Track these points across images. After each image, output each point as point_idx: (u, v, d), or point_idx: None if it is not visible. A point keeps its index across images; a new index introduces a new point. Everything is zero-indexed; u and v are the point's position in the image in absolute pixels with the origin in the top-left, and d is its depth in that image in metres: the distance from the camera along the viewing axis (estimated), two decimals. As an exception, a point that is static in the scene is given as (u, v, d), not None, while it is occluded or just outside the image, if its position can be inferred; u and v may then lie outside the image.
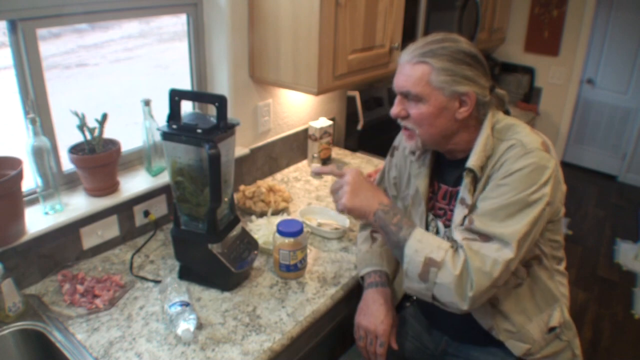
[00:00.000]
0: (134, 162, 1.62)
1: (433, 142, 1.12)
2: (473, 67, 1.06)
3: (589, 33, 3.39)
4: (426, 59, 1.05)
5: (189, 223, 1.29)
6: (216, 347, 1.11)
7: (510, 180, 1.01)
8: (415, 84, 1.06)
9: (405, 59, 1.09)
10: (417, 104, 1.07)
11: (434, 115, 1.07)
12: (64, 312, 1.20)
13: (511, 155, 1.03)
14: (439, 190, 1.21)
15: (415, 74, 1.06)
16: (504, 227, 1.00)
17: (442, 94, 1.05)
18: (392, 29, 1.83)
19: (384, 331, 1.19)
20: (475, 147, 1.09)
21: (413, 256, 1.04)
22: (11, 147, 1.31)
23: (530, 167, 1.01)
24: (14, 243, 1.22)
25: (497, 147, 1.08)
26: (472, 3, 2.24)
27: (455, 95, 1.05)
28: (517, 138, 1.06)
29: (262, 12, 1.65)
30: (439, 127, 1.08)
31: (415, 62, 1.06)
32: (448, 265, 1.00)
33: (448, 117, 1.07)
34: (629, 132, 4.24)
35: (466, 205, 1.09)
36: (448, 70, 1.04)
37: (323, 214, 1.67)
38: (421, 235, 1.06)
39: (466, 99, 1.06)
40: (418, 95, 1.06)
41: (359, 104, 2.16)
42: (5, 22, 1.21)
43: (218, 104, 1.19)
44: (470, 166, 1.07)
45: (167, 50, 1.83)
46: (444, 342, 1.30)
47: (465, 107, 1.06)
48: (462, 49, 1.05)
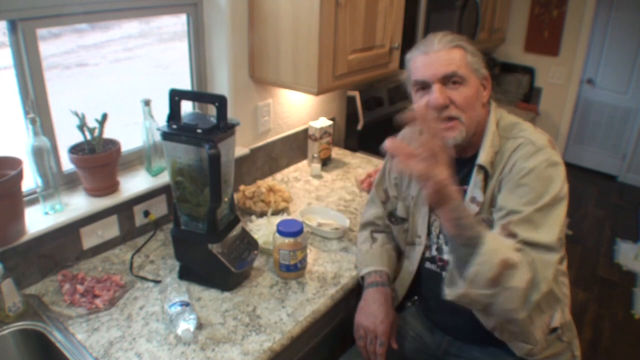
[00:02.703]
0: (134, 162, 1.62)
1: (472, 130, 1.11)
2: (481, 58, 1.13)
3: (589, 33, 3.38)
4: (460, 43, 1.10)
5: (189, 223, 1.29)
6: (216, 347, 1.11)
7: (529, 180, 1.01)
8: (459, 65, 1.08)
9: (439, 47, 1.10)
10: (459, 87, 1.08)
11: (475, 97, 1.10)
12: (64, 312, 1.19)
13: (522, 153, 1.05)
14: None
15: (456, 56, 1.08)
16: (545, 232, 0.98)
17: (476, 76, 1.10)
18: (392, 29, 1.83)
19: (384, 331, 1.19)
20: (484, 143, 1.11)
21: (489, 256, 0.90)
22: (11, 147, 1.31)
23: (545, 163, 1.02)
24: (14, 243, 1.22)
25: (504, 145, 1.10)
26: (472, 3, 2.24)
27: (482, 78, 1.12)
28: (524, 136, 1.08)
29: (262, 12, 1.65)
30: (477, 111, 1.12)
31: (450, 47, 1.09)
32: (524, 267, 0.92)
33: (480, 100, 1.12)
34: (629, 132, 4.24)
35: (477, 203, 1.10)
36: (475, 53, 1.11)
37: (323, 214, 1.67)
38: (495, 235, 0.97)
39: (485, 83, 1.12)
40: (463, 76, 1.07)
41: (359, 104, 2.16)
42: (5, 22, 1.21)
43: (218, 104, 1.19)
44: (481, 163, 1.09)
45: (167, 50, 1.83)
46: (446, 342, 1.29)
47: (486, 91, 1.13)
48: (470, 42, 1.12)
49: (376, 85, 2.35)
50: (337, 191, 1.90)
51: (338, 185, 1.95)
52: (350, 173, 2.07)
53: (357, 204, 1.81)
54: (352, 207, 1.78)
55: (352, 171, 2.09)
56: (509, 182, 1.05)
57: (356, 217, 1.70)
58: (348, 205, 1.79)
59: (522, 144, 1.06)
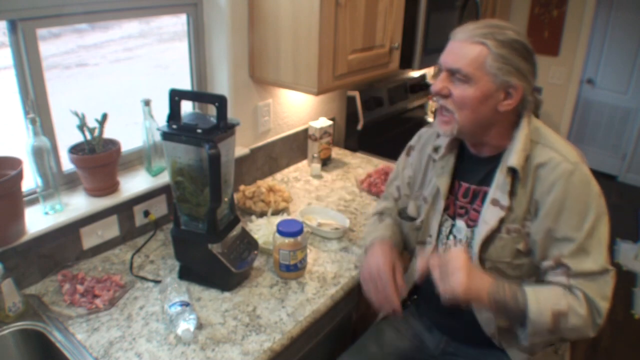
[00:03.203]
0: (134, 162, 1.62)
1: (469, 131, 1.09)
2: (528, 62, 1.03)
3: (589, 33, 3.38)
4: (486, 41, 1.01)
5: (189, 223, 1.29)
6: (216, 347, 1.11)
7: (571, 204, 1.02)
8: (468, 63, 1.02)
9: (462, 37, 1.05)
10: (463, 84, 1.03)
11: (478, 100, 1.03)
12: (64, 312, 1.19)
13: (559, 173, 1.02)
14: (459, 188, 1.19)
15: (471, 53, 1.02)
16: (596, 257, 1.02)
17: (492, 80, 1.02)
18: (392, 29, 1.83)
19: (385, 265, 1.14)
20: (515, 145, 1.07)
21: (539, 317, 1.00)
22: (11, 147, 1.31)
23: (583, 184, 1.02)
24: (14, 243, 1.22)
25: (533, 149, 1.07)
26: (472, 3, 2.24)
27: (504, 86, 1.03)
28: (556, 149, 1.05)
29: (262, 12, 1.65)
30: (479, 114, 1.05)
31: (473, 41, 1.02)
32: (575, 308, 1.00)
33: (490, 106, 1.04)
34: (629, 132, 4.24)
35: (501, 207, 1.07)
36: (505, 57, 1.01)
37: (323, 214, 1.67)
38: (534, 293, 1.02)
39: (513, 92, 1.03)
40: (468, 75, 1.02)
41: (359, 104, 2.16)
42: (5, 22, 1.21)
43: (218, 104, 1.19)
44: (513, 165, 1.05)
45: (167, 50, 1.83)
46: (444, 342, 1.30)
47: (510, 100, 1.04)
48: (523, 41, 1.03)
49: (376, 85, 2.35)
50: (337, 191, 1.90)
51: (338, 185, 1.95)
52: (350, 173, 2.07)
53: (357, 204, 1.81)
54: (352, 207, 1.78)
55: (352, 171, 2.09)
56: (550, 207, 1.03)
57: (356, 217, 1.70)
58: (348, 205, 1.79)
59: (556, 161, 1.03)
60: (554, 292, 1.02)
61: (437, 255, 1.05)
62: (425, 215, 1.26)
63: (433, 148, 1.24)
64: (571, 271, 1.03)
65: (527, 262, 1.10)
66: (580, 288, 1.02)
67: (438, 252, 1.25)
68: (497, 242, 1.09)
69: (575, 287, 1.02)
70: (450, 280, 0.99)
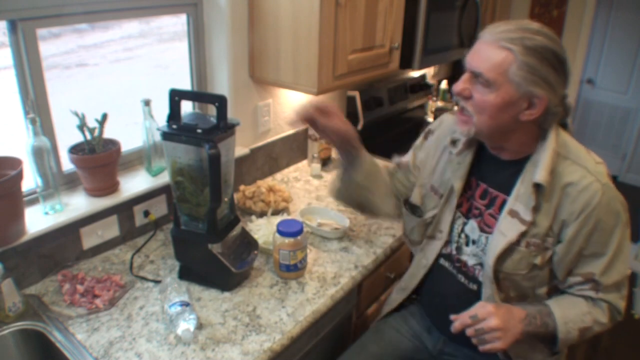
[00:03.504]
0: (134, 162, 1.62)
1: (487, 135, 1.07)
2: (557, 73, 0.98)
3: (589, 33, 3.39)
4: (512, 46, 0.96)
5: (189, 223, 1.29)
6: (216, 347, 1.11)
7: (605, 225, 1.04)
8: (491, 68, 0.97)
9: (490, 38, 1.00)
10: (484, 88, 1.00)
11: (498, 107, 0.99)
12: (64, 312, 1.19)
13: (590, 195, 1.01)
14: (476, 187, 1.18)
15: (496, 58, 0.97)
16: (623, 268, 1.08)
17: (515, 89, 0.97)
18: (392, 29, 1.83)
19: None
20: (542, 159, 1.04)
21: (566, 336, 1.06)
22: (11, 147, 1.31)
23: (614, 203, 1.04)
24: (14, 243, 1.22)
25: (560, 163, 1.04)
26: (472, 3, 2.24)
27: (528, 95, 0.98)
28: (587, 167, 1.04)
29: (262, 12, 1.65)
30: (498, 121, 1.01)
31: (499, 45, 0.97)
32: (598, 320, 1.08)
33: (511, 114, 1.00)
34: (629, 132, 4.24)
35: (522, 220, 1.06)
36: (532, 66, 0.96)
37: (323, 214, 1.67)
38: (562, 314, 1.07)
39: (537, 102, 0.99)
40: (489, 80, 0.98)
41: (359, 104, 2.16)
42: (5, 22, 1.21)
43: (218, 104, 1.19)
44: (540, 181, 1.02)
45: (167, 50, 1.83)
46: (442, 342, 1.30)
47: (533, 110, 1.00)
48: (555, 50, 0.98)
49: (376, 85, 2.35)
50: (337, 191, 1.90)
51: (338, 185, 1.95)
52: (350, 173, 2.06)
53: (357, 204, 1.80)
54: (352, 207, 1.78)
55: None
56: (580, 229, 1.03)
57: (356, 217, 1.70)
58: (348, 205, 1.79)
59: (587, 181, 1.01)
60: (579, 309, 1.08)
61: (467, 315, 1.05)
62: (439, 210, 1.24)
63: (451, 140, 1.21)
64: (601, 286, 1.07)
65: (541, 274, 1.10)
66: (606, 300, 1.08)
67: (447, 249, 1.24)
68: (515, 255, 1.08)
69: (601, 300, 1.09)
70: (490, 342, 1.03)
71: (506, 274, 1.10)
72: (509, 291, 1.13)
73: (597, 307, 1.09)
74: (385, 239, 1.57)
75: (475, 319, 1.03)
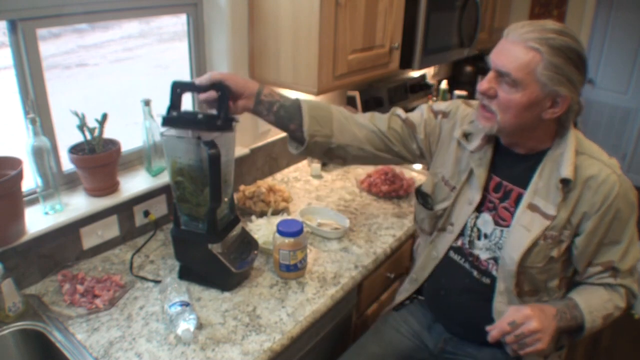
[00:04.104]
0: (134, 162, 1.62)
1: (509, 132, 1.09)
2: (580, 72, 1.00)
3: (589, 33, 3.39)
4: (540, 47, 0.97)
5: (189, 223, 1.29)
6: (216, 347, 1.11)
7: (623, 214, 1.07)
8: (519, 68, 0.98)
9: (515, 38, 1.00)
10: (510, 88, 1.01)
11: (523, 106, 1.01)
12: (64, 312, 1.19)
13: (609, 187, 1.05)
14: (490, 180, 1.18)
15: (524, 57, 0.98)
16: (637, 252, 1.13)
17: (541, 88, 0.99)
18: (392, 29, 1.83)
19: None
20: (568, 156, 1.06)
21: (592, 325, 1.10)
22: (11, 147, 1.31)
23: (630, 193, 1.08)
24: (14, 243, 1.21)
25: (579, 160, 1.07)
26: (472, 3, 2.24)
27: (553, 94, 1.00)
28: (600, 159, 1.08)
29: (262, 12, 1.65)
30: (522, 119, 1.03)
31: (527, 45, 0.98)
32: (618, 305, 1.14)
33: (535, 112, 1.02)
34: (629, 132, 4.24)
35: (545, 215, 1.08)
36: (558, 66, 0.97)
37: (323, 214, 1.67)
38: (586, 304, 1.10)
39: (560, 101, 1.01)
40: (516, 80, 0.99)
41: (359, 104, 2.16)
42: (5, 22, 1.21)
43: (220, 92, 1.16)
44: (568, 177, 1.04)
45: (167, 50, 1.83)
46: (442, 341, 1.30)
47: (556, 109, 1.02)
48: (578, 49, 0.99)
49: (376, 85, 2.35)
50: (337, 191, 1.90)
51: (338, 185, 1.95)
52: (350, 173, 2.07)
53: (357, 204, 1.81)
54: (352, 207, 1.78)
55: (352, 171, 2.08)
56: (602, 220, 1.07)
57: (356, 217, 1.70)
58: (348, 205, 1.79)
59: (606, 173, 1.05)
60: (601, 298, 1.12)
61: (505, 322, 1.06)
62: (450, 203, 1.24)
63: (462, 133, 1.21)
64: (619, 272, 1.10)
65: (556, 266, 1.12)
66: (624, 284, 1.13)
67: (458, 242, 1.24)
68: (533, 249, 1.09)
69: (619, 285, 1.13)
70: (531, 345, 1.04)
71: (523, 267, 1.11)
72: (523, 285, 1.14)
73: (616, 293, 1.13)
74: (385, 239, 1.57)
75: (514, 325, 1.04)
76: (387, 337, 1.34)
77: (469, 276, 1.22)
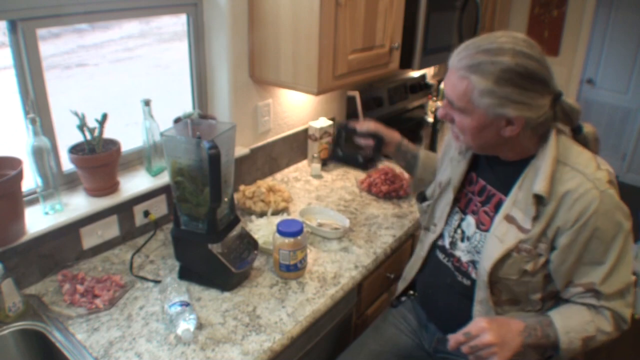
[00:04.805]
0: (134, 162, 1.62)
1: (478, 149, 1.11)
2: (525, 90, 0.96)
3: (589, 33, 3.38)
4: (470, 75, 0.97)
5: (189, 223, 1.29)
6: (216, 347, 1.11)
7: (603, 233, 1.00)
8: (458, 97, 1.01)
9: (453, 65, 1.02)
10: (461, 114, 1.04)
11: (477, 129, 1.03)
12: (64, 312, 1.19)
13: (586, 202, 0.98)
14: (476, 182, 1.19)
15: (459, 87, 1.00)
16: (625, 276, 1.04)
17: (485, 113, 0.99)
18: (392, 29, 1.83)
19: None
20: (542, 169, 1.03)
21: (569, 346, 1.03)
22: (11, 147, 1.31)
23: (610, 213, 0.99)
24: (14, 243, 1.22)
25: (560, 169, 1.02)
26: (472, 3, 2.24)
27: (500, 117, 0.99)
28: (585, 173, 1.00)
29: (262, 12, 1.65)
30: (482, 140, 1.05)
31: (459, 75, 1.00)
32: (602, 329, 1.04)
33: (493, 132, 1.03)
34: (629, 132, 4.24)
35: (518, 226, 1.05)
36: (492, 92, 0.96)
37: (323, 214, 1.67)
38: (563, 323, 1.04)
39: (514, 121, 0.99)
40: (460, 108, 1.02)
41: (359, 104, 2.16)
42: (5, 22, 1.21)
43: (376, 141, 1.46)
44: (541, 193, 1.01)
45: (167, 50, 1.83)
46: (435, 341, 1.30)
47: (513, 127, 1.00)
48: (514, 67, 0.95)
49: (376, 85, 2.35)
50: (337, 191, 1.90)
51: (338, 185, 1.95)
52: (350, 173, 2.07)
53: (357, 204, 1.81)
54: (352, 207, 1.78)
55: (352, 171, 2.08)
56: (576, 236, 1.01)
57: (356, 217, 1.70)
58: (348, 205, 1.79)
59: (584, 187, 0.98)
60: (582, 319, 1.04)
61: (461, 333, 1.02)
62: (433, 201, 1.27)
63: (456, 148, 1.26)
64: (602, 295, 1.04)
65: (533, 280, 1.08)
66: (609, 307, 1.04)
67: (442, 241, 1.25)
68: (507, 260, 1.07)
69: (603, 308, 1.05)
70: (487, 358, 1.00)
71: (498, 277, 1.09)
72: (500, 295, 1.12)
73: (601, 315, 1.05)
74: (385, 239, 1.57)
75: (468, 336, 1.01)
76: (387, 334, 1.35)
77: (452, 276, 1.22)
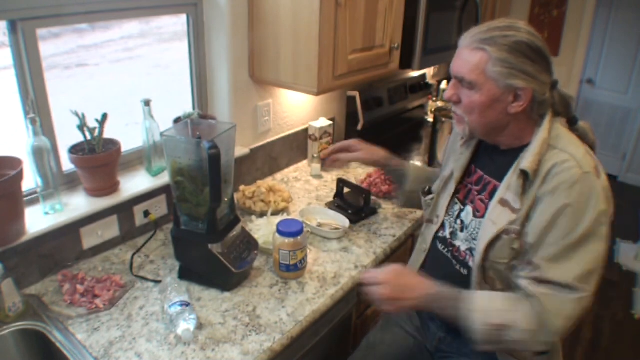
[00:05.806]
0: (134, 162, 1.62)
1: (482, 132, 1.13)
2: (534, 62, 1.02)
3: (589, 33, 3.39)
4: (485, 46, 1.02)
5: (189, 223, 1.29)
6: (216, 347, 1.11)
7: (571, 212, 0.98)
8: (470, 70, 1.04)
9: (465, 43, 1.06)
10: (470, 91, 1.06)
11: (485, 105, 1.05)
12: (64, 312, 1.19)
13: (567, 176, 0.99)
14: (474, 173, 1.22)
15: (473, 60, 1.03)
16: (569, 273, 0.98)
17: (496, 85, 1.03)
18: (392, 29, 1.83)
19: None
20: (532, 149, 1.05)
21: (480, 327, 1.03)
22: (11, 147, 1.31)
23: (589, 197, 0.98)
24: (14, 243, 1.22)
25: (549, 152, 1.04)
26: (472, 3, 2.24)
27: (510, 89, 1.03)
28: (571, 153, 1.01)
29: (262, 12, 1.65)
30: (488, 118, 1.07)
31: (473, 47, 1.04)
32: (520, 323, 1.00)
33: (499, 109, 1.06)
34: (629, 132, 4.24)
35: (511, 208, 1.06)
36: (505, 61, 1.01)
37: (323, 214, 1.67)
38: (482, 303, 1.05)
39: (521, 94, 1.03)
40: (472, 82, 1.04)
41: (359, 104, 2.16)
42: (5, 22, 1.21)
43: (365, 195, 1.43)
44: (525, 168, 1.03)
45: (167, 50, 1.83)
46: (437, 340, 1.30)
47: (519, 102, 1.04)
48: (525, 40, 1.01)
49: (376, 85, 2.35)
50: (337, 191, 1.90)
51: (338, 185, 1.95)
52: (350, 173, 2.07)
53: (357, 204, 1.80)
54: (352, 207, 1.78)
55: (352, 171, 2.08)
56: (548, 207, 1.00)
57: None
58: (348, 205, 1.79)
59: (568, 163, 0.99)
60: (503, 305, 1.04)
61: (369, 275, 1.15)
62: (436, 194, 1.31)
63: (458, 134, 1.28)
64: (543, 275, 1.00)
65: None
66: (540, 299, 1.00)
67: (443, 232, 1.27)
68: (496, 242, 1.09)
69: (535, 299, 1.00)
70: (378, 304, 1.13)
71: (491, 262, 1.10)
72: (494, 283, 1.13)
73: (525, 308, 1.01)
74: (385, 239, 1.57)
75: (369, 281, 1.13)
76: (392, 334, 1.35)
77: (452, 267, 1.23)
